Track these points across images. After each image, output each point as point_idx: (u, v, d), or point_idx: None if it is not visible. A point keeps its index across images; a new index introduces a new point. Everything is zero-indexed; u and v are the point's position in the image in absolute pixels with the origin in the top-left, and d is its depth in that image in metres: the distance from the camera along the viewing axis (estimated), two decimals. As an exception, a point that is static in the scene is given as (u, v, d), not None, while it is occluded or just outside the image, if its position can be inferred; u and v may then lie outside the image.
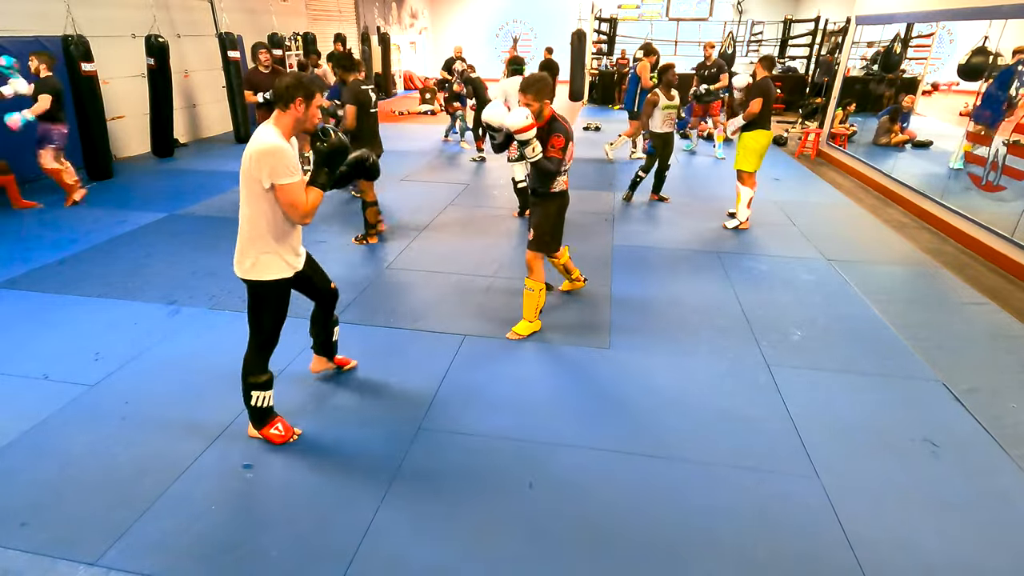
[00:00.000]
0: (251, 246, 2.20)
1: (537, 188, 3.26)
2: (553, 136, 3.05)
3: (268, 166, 2.04)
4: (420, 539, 2.04)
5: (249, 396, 2.36)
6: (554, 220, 3.27)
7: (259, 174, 2.06)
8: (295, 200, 2.11)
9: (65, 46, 5.97)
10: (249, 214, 2.17)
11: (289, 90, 2.08)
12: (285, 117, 2.12)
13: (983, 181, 5.19)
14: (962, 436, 2.64)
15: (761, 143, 5.07)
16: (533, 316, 3.38)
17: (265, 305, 2.29)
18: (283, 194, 2.09)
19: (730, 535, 2.08)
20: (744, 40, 14.83)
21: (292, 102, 2.09)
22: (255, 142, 2.08)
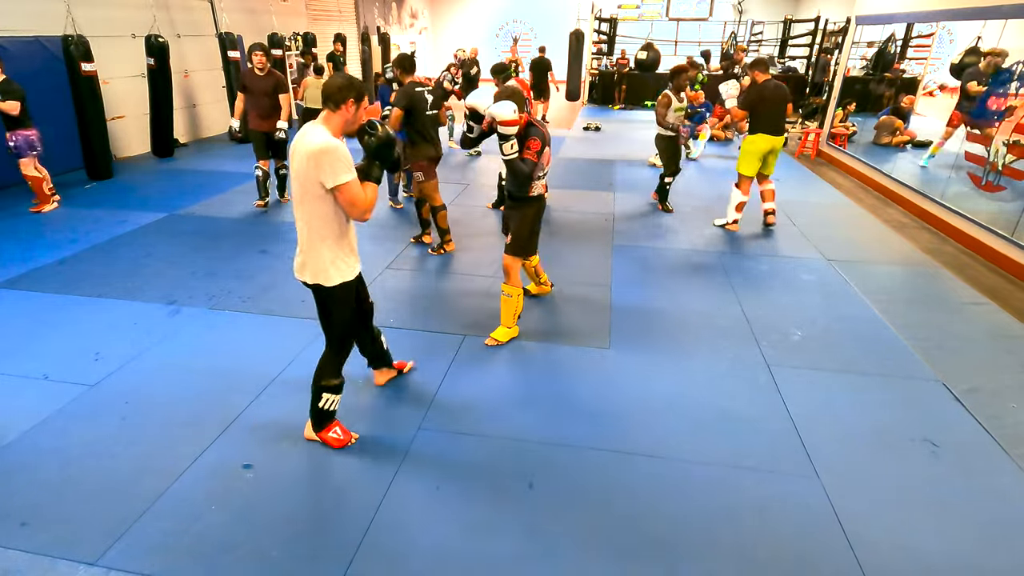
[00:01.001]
0: (315, 250, 2.18)
1: (513, 192, 3.21)
2: (529, 139, 3.01)
3: (327, 166, 2.01)
4: (420, 539, 2.04)
5: (319, 398, 2.35)
6: (531, 225, 3.23)
7: (318, 175, 2.03)
8: (355, 198, 2.08)
9: (65, 46, 5.97)
10: (309, 217, 2.13)
11: (341, 91, 2.08)
12: (335, 118, 2.11)
13: (983, 181, 5.19)
14: (962, 436, 2.64)
15: (758, 147, 5.07)
16: (511, 322, 3.33)
17: (336, 309, 2.30)
18: (343, 193, 2.06)
19: (730, 535, 2.08)
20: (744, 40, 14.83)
21: (344, 103, 2.09)
22: (308, 143, 2.03)
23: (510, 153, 2.96)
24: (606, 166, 7.78)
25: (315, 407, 2.38)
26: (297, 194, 2.13)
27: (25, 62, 6.03)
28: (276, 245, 4.74)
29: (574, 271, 4.35)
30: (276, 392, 2.83)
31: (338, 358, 2.38)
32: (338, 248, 2.20)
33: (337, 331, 2.35)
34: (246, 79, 5.19)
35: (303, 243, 2.20)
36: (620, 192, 6.52)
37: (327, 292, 2.24)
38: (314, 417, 2.41)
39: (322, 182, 2.03)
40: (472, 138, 3.19)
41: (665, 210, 5.84)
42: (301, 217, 2.17)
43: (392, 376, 2.92)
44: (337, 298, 2.27)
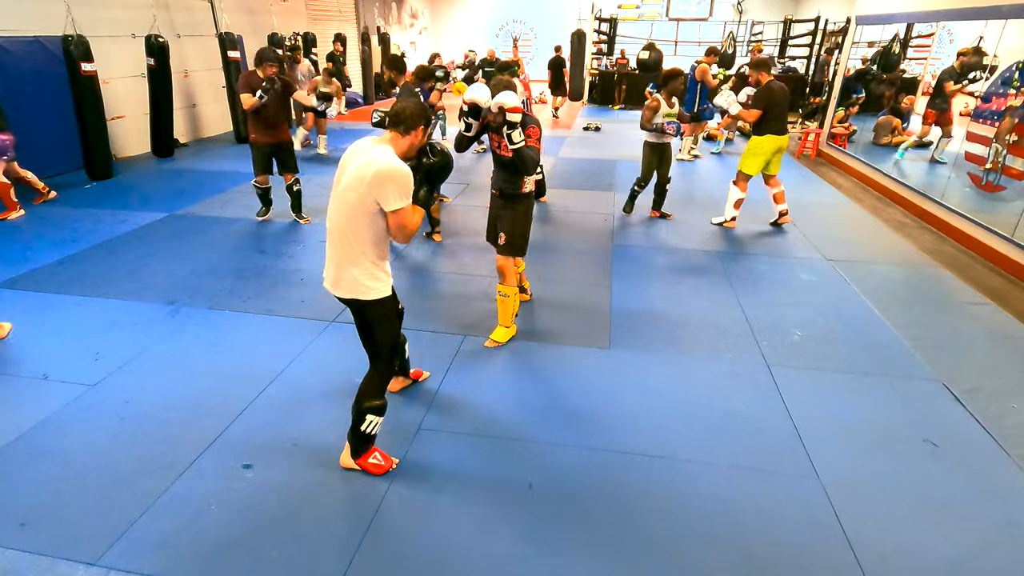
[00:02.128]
0: (354, 266, 2.11)
1: (505, 189, 3.19)
2: (528, 127, 2.98)
3: (392, 190, 1.98)
4: (420, 539, 2.04)
5: (362, 420, 2.22)
6: (524, 223, 3.22)
7: (379, 196, 1.98)
8: (407, 222, 2.05)
9: (65, 46, 5.97)
10: (355, 232, 2.06)
11: (414, 118, 2.08)
12: (403, 142, 2.09)
13: (983, 181, 5.19)
14: (962, 436, 2.64)
15: (766, 147, 5.07)
16: (509, 321, 3.33)
17: (379, 324, 2.21)
18: (397, 217, 2.02)
19: (730, 535, 2.08)
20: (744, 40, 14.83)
21: (415, 129, 2.09)
22: (379, 163, 1.97)
23: (519, 141, 2.91)
24: (606, 166, 7.78)
25: (356, 431, 2.25)
26: (343, 207, 2.05)
27: (25, 62, 6.04)
28: (276, 245, 4.74)
29: (574, 271, 4.35)
30: (277, 392, 2.83)
31: (383, 377, 2.28)
32: (380, 264, 2.15)
33: (386, 347, 2.25)
34: (254, 84, 4.75)
35: (339, 257, 2.12)
36: (620, 192, 6.52)
37: (367, 307, 2.17)
38: (354, 442, 2.29)
39: (381, 203, 1.99)
40: (469, 137, 3.12)
41: (662, 216, 5.65)
42: (338, 229, 2.09)
43: (407, 385, 2.87)
44: (379, 314, 2.19)
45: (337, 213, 2.09)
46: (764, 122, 5.01)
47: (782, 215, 5.43)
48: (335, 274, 2.16)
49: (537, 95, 13.99)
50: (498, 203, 3.28)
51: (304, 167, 7.37)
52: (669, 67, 5.42)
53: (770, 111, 4.96)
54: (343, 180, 2.05)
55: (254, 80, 4.76)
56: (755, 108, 5.00)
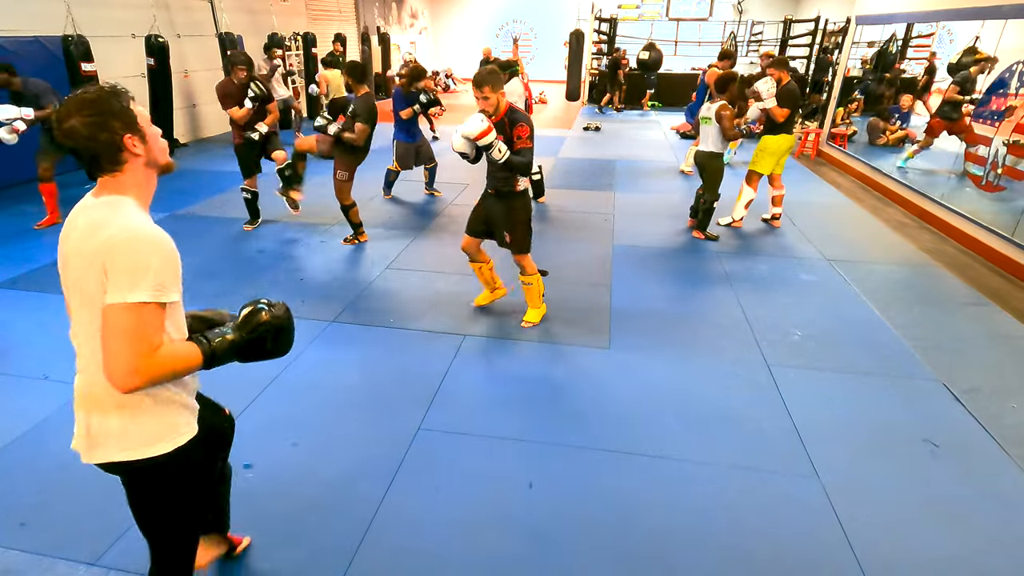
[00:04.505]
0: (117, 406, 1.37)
1: (500, 188, 3.15)
2: (517, 127, 2.91)
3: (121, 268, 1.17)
4: (420, 539, 2.04)
5: None
6: (525, 219, 3.24)
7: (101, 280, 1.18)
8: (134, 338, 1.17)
9: (65, 46, 5.98)
10: None
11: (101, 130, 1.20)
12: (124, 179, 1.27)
13: (983, 181, 5.19)
14: (962, 436, 2.64)
15: (782, 147, 5.08)
16: (539, 302, 3.47)
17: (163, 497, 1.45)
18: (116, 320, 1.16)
19: (730, 535, 2.08)
20: (744, 40, 14.83)
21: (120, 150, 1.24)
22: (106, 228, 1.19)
23: (502, 155, 2.89)
24: (606, 166, 7.78)
25: None
26: (82, 311, 1.27)
27: (25, 62, 6.02)
28: (276, 245, 4.74)
29: (574, 271, 4.34)
30: (276, 392, 2.83)
31: (180, 571, 1.47)
32: (155, 396, 1.32)
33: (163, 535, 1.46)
34: (231, 93, 4.63)
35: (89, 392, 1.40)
36: (620, 192, 6.52)
37: (144, 472, 1.38)
38: None
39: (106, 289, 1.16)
40: (474, 158, 3.14)
41: (710, 238, 5.07)
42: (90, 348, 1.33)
43: (222, 552, 1.87)
44: (164, 481, 1.40)
45: (76, 321, 1.30)
46: (785, 120, 4.99)
47: (775, 217, 5.45)
48: (85, 423, 1.38)
49: (538, 95, 13.99)
50: (492, 201, 3.26)
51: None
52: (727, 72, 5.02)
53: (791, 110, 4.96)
54: (68, 269, 1.25)
55: (230, 88, 4.59)
56: (785, 107, 4.95)
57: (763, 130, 5.18)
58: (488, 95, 2.86)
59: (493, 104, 2.88)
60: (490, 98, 2.86)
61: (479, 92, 2.87)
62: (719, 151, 4.87)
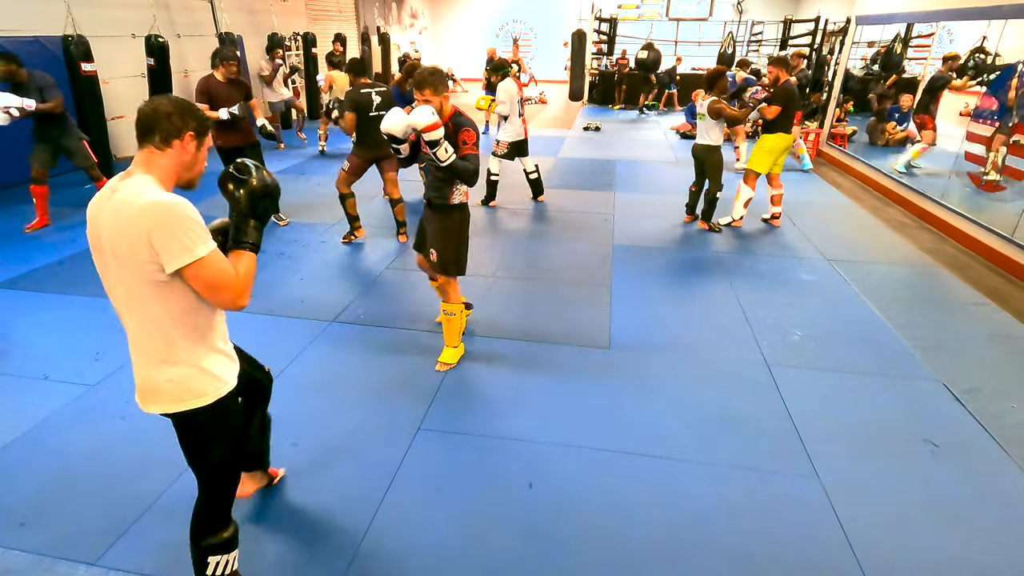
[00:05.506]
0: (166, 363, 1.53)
1: (433, 199, 2.83)
2: (463, 131, 2.66)
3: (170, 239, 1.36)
4: (421, 539, 2.04)
5: (204, 564, 1.63)
6: (458, 238, 2.90)
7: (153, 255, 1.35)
8: (220, 277, 1.43)
9: (65, 46, 5.97)
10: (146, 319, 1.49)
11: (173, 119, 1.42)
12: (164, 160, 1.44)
13: (983, 181, 5.19)
14: (962, 436, 2.64)
15: (779, 146, 5.07)
16: (457, 340, 3.08)
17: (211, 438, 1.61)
18: (199, 275, 1.39)
19: (730, 535, 2.08)
20: (744, 40, 14.83)
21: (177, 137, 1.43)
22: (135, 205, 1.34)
23: (447, 157, 2.57)
24: (606, 166, 7.78)
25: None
26: (119, 285, 1.42)
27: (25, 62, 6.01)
28: (275, 245, 4.74)
29: (574, 271, 4.35)
30: (276, 392, 2.81)
31: (220, 504, 1.65)
32: (198, 355, 1.52)
33: (212, 470, 1.62)
34: (212, 89, 4.46)
35: (141, 355, 1.53)
36: (620, 192, 6.52)
37: (195, 417, 1.54)
38: None
39: (162, 264, 1.33)
40: (406, 157, 2.82)
41: (714, 229, 5.25)
42: (131, 317, 1.47)
43: (263, 485, 2.22)
44: (211, 423, 1.57)
45: (115, 296, 1.45)
46: (778, 120, 4.99)
47: (775, 217, 5.45)
48: (141, 382, 1.53)
49: (538, 95, 13.99)
50: (428, 215, 2.94)
51: (306, 166, 7.37)
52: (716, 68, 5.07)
53: (787, 109, 4.96)
54: (103, 246, 1.39)
55: (212, 84, 4.46)
56: (776, 104, 4.95)
57: (761, 128, 5.18)
58: (430, 98, 2.59)
59: (435, 107, 2.60)
60: (432, 101, 2.59)
61: (419, 95, 2.60)
62: (716, 144, 5.02)
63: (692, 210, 5.50)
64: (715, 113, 4.86)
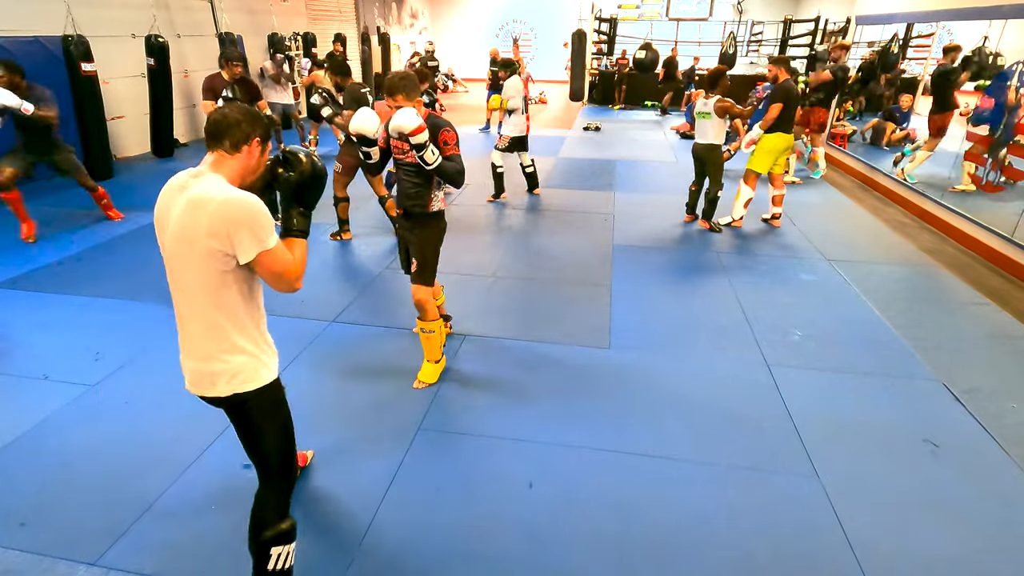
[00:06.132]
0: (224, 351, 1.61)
1: (412, 207, 2.70)
2: (442, 132, 2.55)
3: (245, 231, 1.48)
4: (421, 539, 2.04)
5: (266, 557, 1.64)
6: (436, 246, 2.80)
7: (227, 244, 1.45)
8: (284, 265, 1.56)
9: (65, 46, 5.97)
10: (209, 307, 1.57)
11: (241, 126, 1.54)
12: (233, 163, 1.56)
13: (983, 181, 5.19)
14: (962, 436, 2.64)
15: (779, 146, 5.07)
16: (438, 354, 2.95)
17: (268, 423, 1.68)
18: (267, 263, 1.52)
19: (730, 535, 2.08)
20: (744, 40, 14.83)
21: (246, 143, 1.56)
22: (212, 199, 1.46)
23: (435, 160, 2.49)
24: (606, 166, 7.78)
25: (264, 573, 1.65)
26: (184, 274, 1.52)
27: (25, 62, 5.99)
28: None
29: (574, 271, 4.35)
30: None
31: (283, 493, 1.71)
32: (253, 342, 1.63)
33: (274, 457, 1.67)
34: (217, 88, 4.54)
35: (199, 343, 1.60)
36: (620, 192, 6.52)
37: (252, 401, 1.61)
38: None
39: (236, 253, 1.45)
40: (377, 163, 2.70)
41: (715, 229, 5.25)
42: (193, 306, 1.56)
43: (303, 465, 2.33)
44: (267, 407, 1.65)
45: (178, 285, 1.55)
46: (778, 119, 4.98)
47: (775, 217, 5.45)
48: (197, 367, 1.61)
49: (537, 95, 13.99)
50: (405, 225, 2.80)
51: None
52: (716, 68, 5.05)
53: (787, 108, 4.95)
54: (169, 238, 1.50)
55: (218, 82, 4.56)
56: (776, 102, 4.92)
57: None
58: (402, 103, 2.48)
59: None
60: (404, 107, 2.48)
61: (392, 101, 2.49)
62: (718, 143, 5.01)
63: (692, 209, 5.50)
64: (723, 111, 4.85)
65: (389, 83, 2.51)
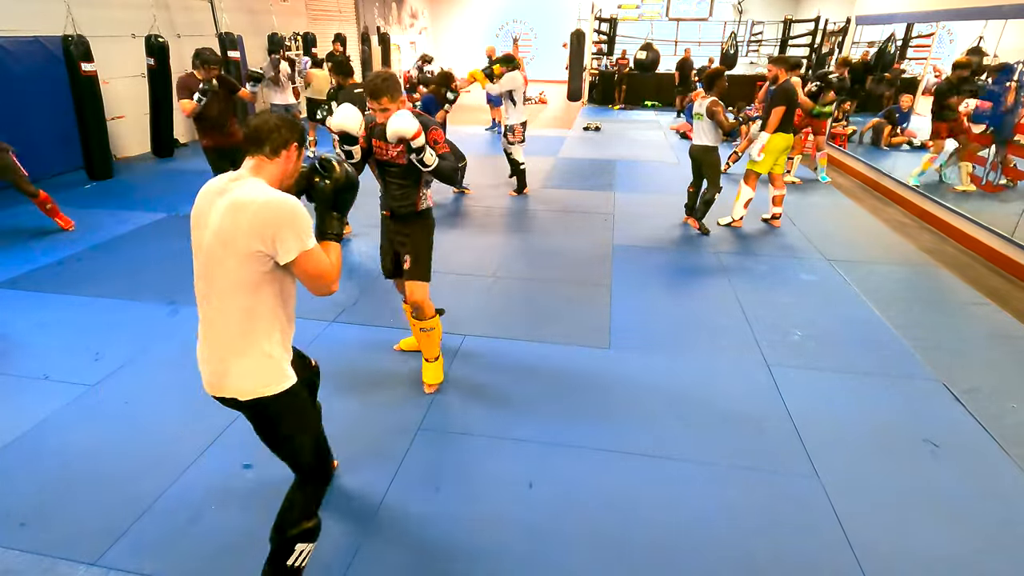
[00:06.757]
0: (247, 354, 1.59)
1: (400, 208, 2.67)
2: (431, 131, 2.52)
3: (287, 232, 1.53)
4: (420, 539, 2.04)
5: (288, 551, 1.68)
6: (430, 241, 2.80)
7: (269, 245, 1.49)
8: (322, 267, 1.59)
9: (65, 46, 5.97)
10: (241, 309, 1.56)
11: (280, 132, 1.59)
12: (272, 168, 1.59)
13: (983, 181, 5.19)
14: (962, 436, 2.64)
15: (779, 146, 5.06)
16: (437, 351, 2.89)
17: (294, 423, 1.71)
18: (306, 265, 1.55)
19: (730, 535, 2.08)
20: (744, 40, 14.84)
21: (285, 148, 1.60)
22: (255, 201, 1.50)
23: (433, 161, 2.47)
24: (606, 166, 7.78)
25: (279, 567, 1.69)
26: (218, 277, 1.53)
27: (25, 62, 6.04)
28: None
29: (574, 271, 4.35)
30: (276, 392, 2.83)
31: (316, 492, 1.76)
32: (280, 344, 1.62)
33: (304, 456, 1.72)
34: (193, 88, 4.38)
35: (224, 344, 1.57)
36: (620, 192, 6.52)
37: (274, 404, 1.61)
38: None
39: (277, 255, 1.48)
40: (359, 162, 2.60)
41: (703, 231, 5.20)
42: (223, 308, 1.55)
43: None
44: (292, 409, 1.67)
45: (211, 286, 1.55)
46: (784, 120, 4.96)
47: (775, 217, 5.44)
48: (218, 368, 1.59)
49: (538, 95, 13.99)
50: (393, 227, 2.77)
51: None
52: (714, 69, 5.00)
53: (788, 110, 4.94)
54: (207, 238, 1.52)
55: (192, 83, 4.39)
56: (777, 105, 4.90)
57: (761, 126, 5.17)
58: (387, 106, 2.42)
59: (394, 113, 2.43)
60: (389, 109, 2.42)
61: (377, 104, 2.43)
62: (714, 145, 4.95)
63: (691, 210, 5.49)
64: (711, 114, 4.80)
65: (372, 86, 2.41)
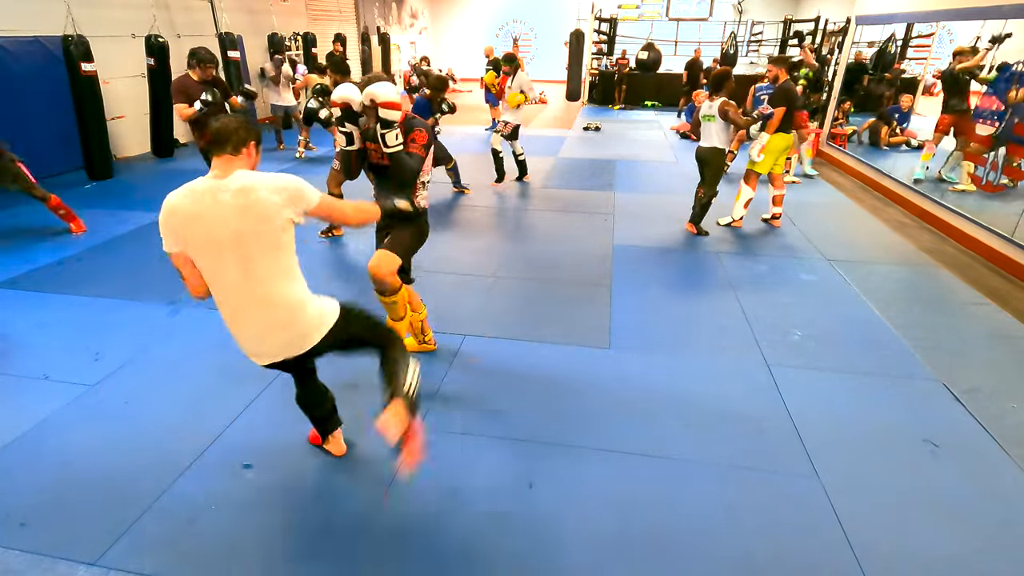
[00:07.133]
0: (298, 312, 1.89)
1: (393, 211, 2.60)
2: (415, 131, 2.58)
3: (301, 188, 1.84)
4: (420, 538, 2.04)
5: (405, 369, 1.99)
6: (417, 237, 2.83)
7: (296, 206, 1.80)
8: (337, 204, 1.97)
9: (65, 46, 5.97)
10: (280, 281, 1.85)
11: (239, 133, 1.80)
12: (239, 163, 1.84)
13: (983, 181, 5.19)
14: (962, 436, 2.64)
15: (780, 146, 5.05)
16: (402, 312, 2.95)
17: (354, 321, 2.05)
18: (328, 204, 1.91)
19: (730, 535, 2.08)
20: (744, 40, 14.84)
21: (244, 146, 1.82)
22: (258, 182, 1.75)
23: (395, 144, 2.48)
24: (606, 166, 7.78)
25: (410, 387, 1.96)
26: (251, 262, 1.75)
27: (25, 62, 6.04)
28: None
29: (574, 271, 4.35)
30: (276, 391, 2.83)
31: (392, 338, 2.12)
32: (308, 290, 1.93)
33: (375, 331, 2.08)
34: (188, 89, 4.43)
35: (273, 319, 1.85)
36: (620, 192, 6.52)
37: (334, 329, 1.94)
38: (413, 404, 1.95)
39: (305, 207, 1.80)
40: (356, 152, 2.63)
41: (701, 233, 5.15)
42: (262, 290, 1.80)
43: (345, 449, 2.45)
44: (349, 316, 2.00)
45: (248, 269, 1.77)
46: (783, 120, 4.95)
47: (775, 217, 5.44)
48: (289, 334, 1.88)
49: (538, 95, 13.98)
50: (382, 223, 2.80)
51: (300, 168, 7.37)
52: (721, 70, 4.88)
53: (788, 110, 4.93)
54: (224, 232, 1.72)
55: (188, 85, 4.36)
56: (777, 106, 4.90)
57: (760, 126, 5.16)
58: None
59: None
60: None
61: None
62: (723, 147, 4.87)
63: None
64: (723, 115, 4.73)
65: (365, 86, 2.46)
